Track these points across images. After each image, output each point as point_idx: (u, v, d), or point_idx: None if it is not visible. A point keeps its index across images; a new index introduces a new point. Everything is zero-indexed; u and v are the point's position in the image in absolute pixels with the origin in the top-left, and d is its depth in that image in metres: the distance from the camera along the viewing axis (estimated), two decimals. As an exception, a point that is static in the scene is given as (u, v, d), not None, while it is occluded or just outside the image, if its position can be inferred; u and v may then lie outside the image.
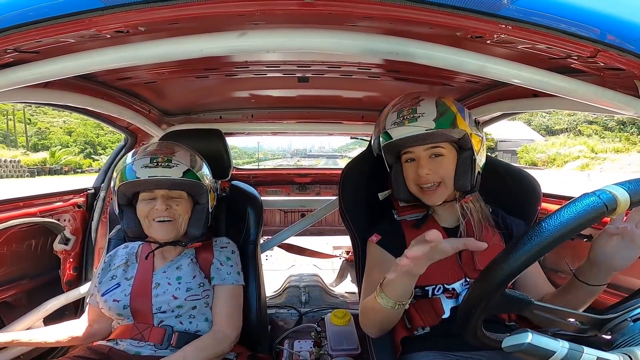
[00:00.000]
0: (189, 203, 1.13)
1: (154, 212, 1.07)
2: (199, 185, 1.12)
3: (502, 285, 0.54)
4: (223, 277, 1.15)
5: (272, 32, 0.72)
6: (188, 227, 1.13)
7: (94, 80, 1.33)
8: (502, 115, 1.56)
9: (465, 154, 0.95)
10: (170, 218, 1.09)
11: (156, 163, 1.06)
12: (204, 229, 1.15)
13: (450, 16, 0.63)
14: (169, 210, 1.08)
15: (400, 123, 0.93)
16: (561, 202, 1.47)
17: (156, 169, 1.05)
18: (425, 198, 0.98)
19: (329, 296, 2.26)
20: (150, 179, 1.05)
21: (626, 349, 0.51)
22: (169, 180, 1.06)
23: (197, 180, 1.10)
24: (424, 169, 0.94)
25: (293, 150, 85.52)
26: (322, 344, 1.62)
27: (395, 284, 0.78)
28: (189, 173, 1.08)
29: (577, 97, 0.84)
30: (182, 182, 1.08)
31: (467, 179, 0.94)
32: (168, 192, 1.09)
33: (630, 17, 0.65)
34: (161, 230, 1.09)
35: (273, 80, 1.49)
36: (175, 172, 1.06)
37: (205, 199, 1.14)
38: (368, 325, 0.92)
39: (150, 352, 1.04)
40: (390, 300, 0.79)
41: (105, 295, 1.11)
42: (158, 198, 1.08)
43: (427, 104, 0.93)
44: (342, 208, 1.18)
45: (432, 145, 0.94)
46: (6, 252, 1.44)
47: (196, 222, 1.13)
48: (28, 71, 0.78)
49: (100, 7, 0.61)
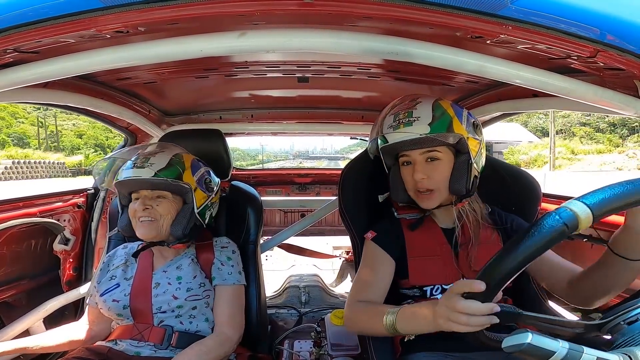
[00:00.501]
0: (173, 203, 1.13)
1: (136, 212, 1.10)
2: (177, 185, 1.10)
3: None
4: (224, 277, 1.15)
5: (272, 32, 0.72)
6: (171, 226, 1.12)
7: (94, 81, 1.33)
8: (502, 116, 1.56)
9: (462, 158, 0.94)
10: (151, 218, 1.09)
11: (134, 164, 1.10)
12: (186, 229, 1.12)
13: (450, 16, 0.63)
14: (148, 210, 1.09)
15: (396, 127, 0.93)
16: (561, 202, 1.47)
17: (131, 170, 1.09)
18: (420, 202, 0.98)
19: (329, 296, 2.26)
20: (125, 179, 1.09)
21: (626, 349, 0.51)
22: (141, 180, 1.09)
23: (171, 180, 1.09)
24: (418, 173, 0.95)
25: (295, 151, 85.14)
26: (322, 344, 1.62)
27: (419, 323, 0.76)
28: (163, 172, 1.08)
29: (577, 97, 0.84)
30: (158, 183, 1.09)
31: (463, 184, 0.94)
32: (151, 193, 1.11)
33: (630, 17, 0.65)
34: (142, 230, 1.10)
35: (273, 80, 1.49)
36: (146, 172, 1.07)
37: (190, 198, 1.13)
38: (352, 326, 0.95)
39: (150, 352, 1.03)
40: (396, 330, 0.80)
41: (105, 295, 1.10)
42: (140, 198, 1.10)
43: (423, 108, 0.93)
44: (342, 208, 1.18)
45: (428, 149, 0.94)
46: (6, 252, 1.44)
47: (178, 222, 1.12)
48: (28, 71, 0.78)
49: (100, 7, 0.61)
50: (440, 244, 1.00)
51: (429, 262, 0.98)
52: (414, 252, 1.00)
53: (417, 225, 1.02)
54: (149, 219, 1.09)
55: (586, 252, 1.29)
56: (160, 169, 1.08)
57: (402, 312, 0.80)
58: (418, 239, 1.01)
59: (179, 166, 1.12)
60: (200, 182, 1.16)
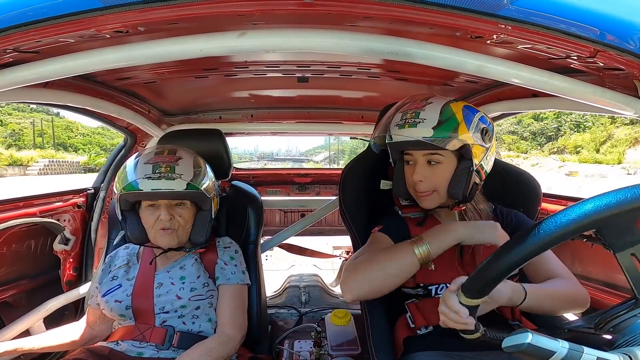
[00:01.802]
0: (192, 210, 1.13)
1: (160, 223, 1.07)
2: (203, 195, 1.10)
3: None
4: (228, 276, 1.15)
5: (272, 32, 0.72)
6: (191, 234, 1.13)
7: (94, 80, 1.32)
8: (502, 115, 1.55)
9: (464, 164, 0.94)
10: (173, 227, 1.09)
11: (159, 174, 1.02)
12: (207, 235, 1.13)
13: (450, 16, 0.63)
14: (172, 221, 1.08)
15: (402, 126, 0.93)
16: (561, 202, 1.47)
17: (159, 182, 1.02)
18: (419, 201, 0.99)
19: (329, 296, 2.26)
20: (153, 192, 1.03)
21: (627, 349, 0.51)
22: (172, 193, 1.05)
23: (200, 191, 1.08)
24: (417, 175, 0.95)
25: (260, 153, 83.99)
26: (322, 344, 1.62)
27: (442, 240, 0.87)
28: (192, 184, 1.05)
29: (577, 97, 0.84)
30: (186, 194, 1.07)
31: (460, 189, 0.93)
32: (170, 201, 1.09)
33: (630, 17, 0.65)
34: (165, 239, 1.09)
35: (273, 80, 1.49)
36: (178, 185, 1.03)
37: (209, 205, 1.13)
38: (358, 281, 0.90)
39: (152, 352, 1.03)
40: (430, 254, 0.87)
41: (107, 295, 1.10)
42: (162, 207, 1.07)
43: (431, 109, 0.92)
44: (343, 208, 1.18)
45: (430, 151, 0.94)
46: (6, 252, 1.44)
47: (200, 229, 1.13)
48: (28, 71, 0.78)
49: (99, 7, 0.61)
50: None
51: (435, 261, 0.99)
52: None
53: (423, 222, 1.03)
54: (172, 229, 1.08)
55: (586, 252, 1.29)
56: (191, 180, 1.05)
57: (427, 234, 0.90)
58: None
59: (205, 175, 1.12)
60: (215, 189, 1.18)
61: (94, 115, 1.58)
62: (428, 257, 0.87)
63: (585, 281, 1.30)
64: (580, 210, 0.51)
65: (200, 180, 1.08)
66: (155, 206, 1.08)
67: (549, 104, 1.19)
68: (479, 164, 0.94)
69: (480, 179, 0.98)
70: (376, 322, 1.02)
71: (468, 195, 0.95)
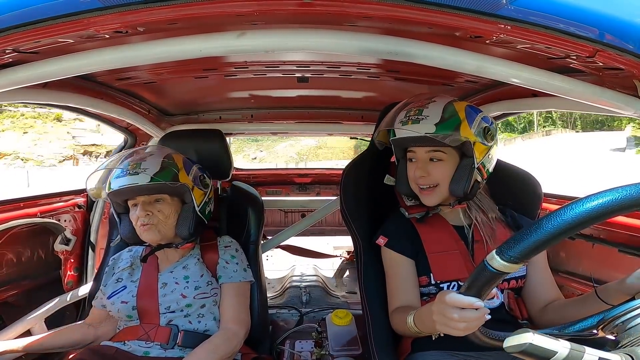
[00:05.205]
0: (172, 205, 1.12)
1: (139, 219, 1.08)
2: (176, 187, 1.10)
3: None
4: (230, 275, 1.15)
5: (271, 32, 0.72)
6: (176, 228, 1.12)
7: (94, 81, 1.32)
8: (502, 115, 1.55)
9: (465, 161, 0.95)
10: (153, 222, 1.08)
11: (126, 171, 1.07)
12: (191, 228, 1.12)
13: (449, 16, 0.63)
14: (149, 216, 1.08)
15: (405, 122, 0.95)
16: (561, 202, 1.47)
17: (124, 178, 1.06)
18: (421, 197, 1.00)
19: (330, 296, 2.25)
20: (119, 188, 1.06)
21: (628, 349, 0.51)
22: (139, 187, 1.06)
23: (169, 182, 1.08)
24: (418, 170, 0.97)
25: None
26: (323, 344, 1.61)
27: (426, 325, 0.81)
28: (159, 176, 1.06)
29: (576, 97, 0.84)
30: (154, 187, 1.07)
31: (461, 187, 0.94)
32: (148, 197, 1.09)
33: (629, 17, 0.65)
34: (146, 234, 1.09)
35: (272, 80, 1.49)
36: (142, 179, 1.05)
37: (189, 198, 1.13)
38: (396, 329, 0.99)
39: (158, 352, 1.04)
40: (419, 331, 0.86)
41: (112, 297, 1.11)
42: (139, 204, 1.08)
43: (434, 107, 0.94)
44: (343, 208, 1.18)
45: (432, 148, 0.96)
46: (7, 253, 1.44)
47: (183, 222, 1.12)
48: (27, 71, 0.78)
49: (99, 7, 0.61)
50: (455, 240, 1.01)
51: (450, 257, 0.99)
52: (433, 247, 1.01)
53: (423, 219, 1.03)
54: (151, 224, 1.08)
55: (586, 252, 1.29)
56: (155, 173, 1.06)
57: (418, 313, 0.85)
58: (433, 234, 1.02)
59: (173, 167, 1.11)
60: (196, 180, 1.16)
61: (94, 115, 1.58)
62: (422, 333, 0.87)
63: (586, 281, 1.30)
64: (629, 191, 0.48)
65: (168, 173, 1.09)
66: (136, 204, 1.10)
67: (548, 103, 1.19)
68: (481, 162, 0.95)
69: (482, 177, 0.98)
70: (377, 322, 1.02)
71: (469, 193, 0.97)
